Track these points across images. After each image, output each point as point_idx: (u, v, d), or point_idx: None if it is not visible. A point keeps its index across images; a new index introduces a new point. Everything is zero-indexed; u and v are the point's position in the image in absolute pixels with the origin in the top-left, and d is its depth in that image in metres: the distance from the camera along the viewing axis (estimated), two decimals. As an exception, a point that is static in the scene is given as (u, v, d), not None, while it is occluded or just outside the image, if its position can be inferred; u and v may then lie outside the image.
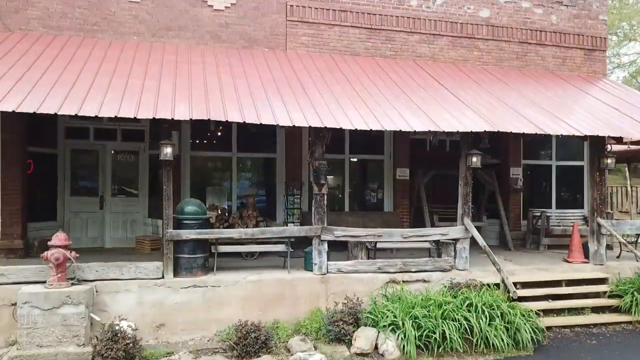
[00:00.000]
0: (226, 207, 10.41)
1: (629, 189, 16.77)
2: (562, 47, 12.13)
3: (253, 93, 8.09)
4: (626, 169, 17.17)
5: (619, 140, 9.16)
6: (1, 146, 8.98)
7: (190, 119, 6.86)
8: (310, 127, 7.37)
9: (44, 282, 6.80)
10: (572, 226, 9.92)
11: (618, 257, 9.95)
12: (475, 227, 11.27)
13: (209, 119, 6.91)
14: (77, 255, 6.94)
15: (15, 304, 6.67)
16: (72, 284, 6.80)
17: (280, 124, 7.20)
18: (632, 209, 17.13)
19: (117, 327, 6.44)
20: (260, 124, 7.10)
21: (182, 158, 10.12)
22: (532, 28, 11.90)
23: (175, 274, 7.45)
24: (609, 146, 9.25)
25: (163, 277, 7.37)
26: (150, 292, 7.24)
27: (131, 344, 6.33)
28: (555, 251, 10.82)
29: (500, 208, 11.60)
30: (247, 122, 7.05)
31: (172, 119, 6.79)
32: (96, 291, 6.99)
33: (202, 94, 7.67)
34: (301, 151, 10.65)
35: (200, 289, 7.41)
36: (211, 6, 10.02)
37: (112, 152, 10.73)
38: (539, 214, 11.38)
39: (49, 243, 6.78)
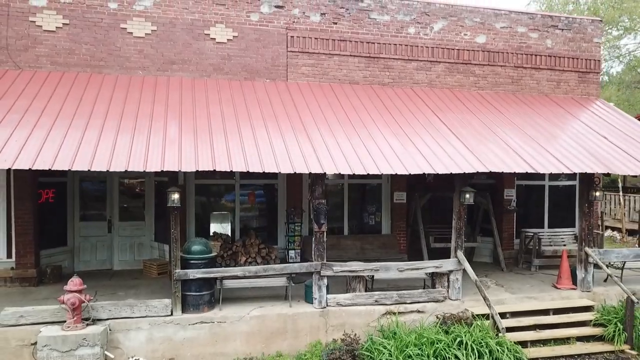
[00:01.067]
0: (229, 233, 10.83)
1: (621, 199, 17.18)
2: (556, 71, 12.42)
3: (256, 134, 8.45)
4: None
5: (607, 174, 9.52)
6: (14, 181, 9.38)
7: (197, 170, 7.24)
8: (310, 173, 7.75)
9: (61, 321, 7.26)
10: (563, 251, 10.38)
11: (605, 280, 10.37)
12: (469, 247, 11.80)
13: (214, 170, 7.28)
14: (91, 297, 7.39)
15: (34, 344, 7.14)
16: (87, 325, 7.25)
17: (282, 172, 7.58)
18: (625, 218, 17.58)
19: (131, 369, 6.92)
20: (263, 172, 7.49)
21: (187, 187, 10.50)
22: (527, 52, 12.18)
23: (184, 311, 7.89)
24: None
25: (172, 314, 7.81)
26: (160, 329, 7.69)
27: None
28: (546, 272, 11.26)
29: (494, 228, 12.01)
30: (250, 170, 7.42)
31: (179, 170, 7.17)
32: (110, 330, 7.44)
33: (207, 139, 8.03)
34: (301, 177, 11.02)
35: (207, 324, 7.86)
36: (213, 39, 10.30)
37: (119, 178, 11.11)
38: (531, 234, 11.80)
39: (64, 287, 7.20)
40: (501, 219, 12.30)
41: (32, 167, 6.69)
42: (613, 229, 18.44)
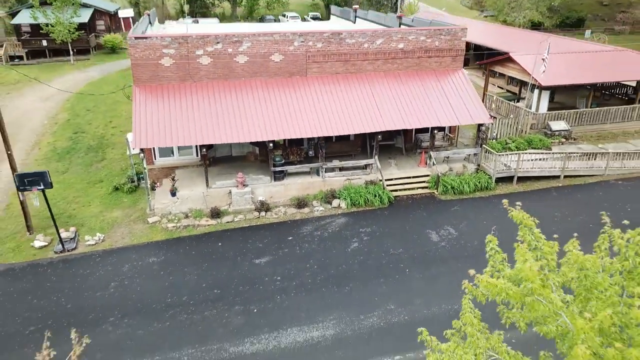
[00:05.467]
0: (281, 142, 24.72)
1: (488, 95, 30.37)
2: (440, 57, 24.77)
3: (296, 107, 21.81)
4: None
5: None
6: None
7: (274, 139, 20.94)
8: (322, 137, 21.45)
9: (236, 186, 21.77)
10: (422, 151, 24.42)
11: (444, 161, 24.61)
12: (391, 143, 25.94)
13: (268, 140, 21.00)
14: (245, 178, 21.81)
15: (229, 193, 21.80)
16: (245, 187, 21.78)
17: (307, 136, 21.22)
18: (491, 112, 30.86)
19: (261, 200, 21.68)
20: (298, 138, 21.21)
21: (264, 124, 24.10)
22: (425, 49, 24.40)
23: (274, 180, 22.37)
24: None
25: (270, 181, 22.31)
26: (266, 187, 22.26)
27: (267, 204, 21.62)
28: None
29: (402, 135, 25.84)
30: (298, 137, 21.12)
31: (275, 140, 20.87)
32: (251, 188, 21.98)
33: (279, 117, 21.48)
34: (313, 116, 24.44)
35: (283, 185, 22.42)
36: (273, 60, 22.78)
37: (231, 117, 24.62)
38: (419, 136, 25.66)
39: (237, 175, 21.52)
40: (408, 130, 26.00)
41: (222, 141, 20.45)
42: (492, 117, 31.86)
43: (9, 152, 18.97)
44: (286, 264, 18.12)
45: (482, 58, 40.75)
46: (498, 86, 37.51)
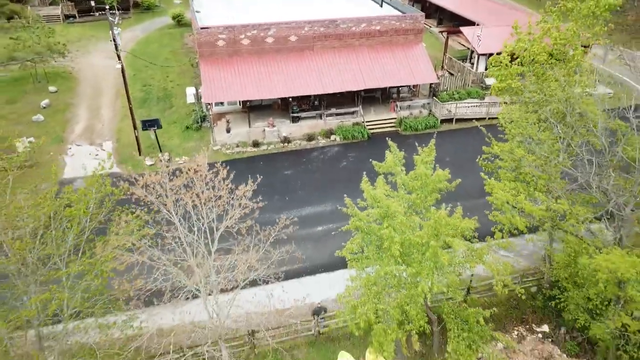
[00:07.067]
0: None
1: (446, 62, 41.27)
2: (405, 35, 35.54)
3: (306, 73, 33.04)
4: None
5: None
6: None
7: (294, 95, 32.33)
8: (324, 93, 32.84)
9: (267, 126, 33.39)
10: (391, 102, 35.76)
11: (407, 108, 36.05)
12: (372, 96, 37.68)
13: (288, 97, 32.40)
14: (274, 121, 33.42)
15: (263, 130, 33.50)
16: (274, 127, 33.41)
17: (315, 93, 32.57)
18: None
19: (284, 136, 33.40)
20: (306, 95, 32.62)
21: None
22: (395, 29, 35.13)
23: (292, 122, 33.98)
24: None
25: (290, 123, 33.94)
26: (286, 126, 33.91)
27: (288, 138, 33.37)
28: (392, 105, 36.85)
29: (380, 89, 37.05)
30: (303, 94, 32.48)
31: (280, 96, 32.25)
32: (278, 128, 33.61)
33: (294, 78, 32.76)
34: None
35: (298, 126, 34.08)
36: (290, 40, 33.64)
37: (261, 78, 35.82)
38: (390, 91, 36.88)
39: (268, 119, 33.10)
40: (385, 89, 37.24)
41: (244, 98, 31.87)
42: (450, 73, 42.77)
43: (130, 106, 30.51)
44: (303, 174, 30.19)
45: (452, 19, 50.89)
46: (461, 44, 48.01)
